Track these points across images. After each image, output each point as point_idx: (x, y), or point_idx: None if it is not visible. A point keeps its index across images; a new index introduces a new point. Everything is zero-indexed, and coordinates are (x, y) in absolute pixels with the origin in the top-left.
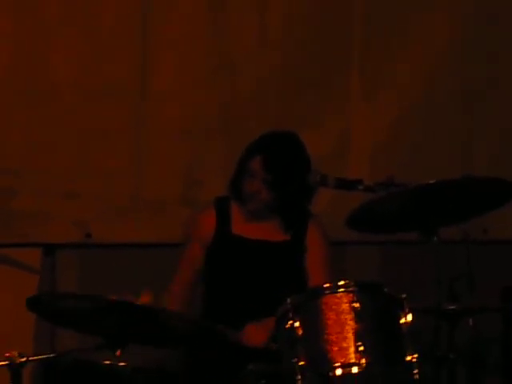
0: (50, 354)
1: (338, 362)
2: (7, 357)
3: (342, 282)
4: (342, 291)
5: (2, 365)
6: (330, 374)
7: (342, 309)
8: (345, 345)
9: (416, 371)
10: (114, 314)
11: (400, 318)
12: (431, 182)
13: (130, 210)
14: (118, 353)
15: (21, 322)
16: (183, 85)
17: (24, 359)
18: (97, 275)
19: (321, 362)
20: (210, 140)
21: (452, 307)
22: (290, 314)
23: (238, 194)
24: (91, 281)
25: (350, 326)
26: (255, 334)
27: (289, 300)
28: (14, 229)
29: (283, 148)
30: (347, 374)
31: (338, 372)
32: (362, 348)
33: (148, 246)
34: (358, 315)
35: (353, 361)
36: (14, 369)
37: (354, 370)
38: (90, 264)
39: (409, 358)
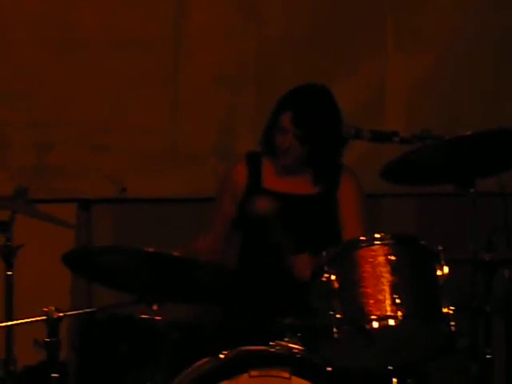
0: (86, 309)
1: (374, 315)
2: (45, 312)
3: (377, 235)
4: (377, 244)
5: (40, 319)
6: (367, 326)
7: (378, 261)
8: (381, 297)
9: (452, 323)
10: (150, 266)
11: (436, 271)
12: (467, 133)
13: (165, 164)
14: (154, 307)
15: (58, 278)
16: (215, 33)
17: (61, 314)
18: (132, 229)
19: (357, 315)
20: (243, 90)
21: (488, 257)
22: (326, 267)
23: (271, 149)
24: (126, 235)
25: (386, 278)
26: (306, 264)
27: (324, 253)
28: (49, 184)
29: (313, 103)
30: (384, 327)
31: (375, 325)
32: (398, 301)
33: (182, 199)
34: (394, 268)
35: (389, 313)
36: (51, 324)
37: (391, 322)
38: (125, 218)
39: (445, 311)
